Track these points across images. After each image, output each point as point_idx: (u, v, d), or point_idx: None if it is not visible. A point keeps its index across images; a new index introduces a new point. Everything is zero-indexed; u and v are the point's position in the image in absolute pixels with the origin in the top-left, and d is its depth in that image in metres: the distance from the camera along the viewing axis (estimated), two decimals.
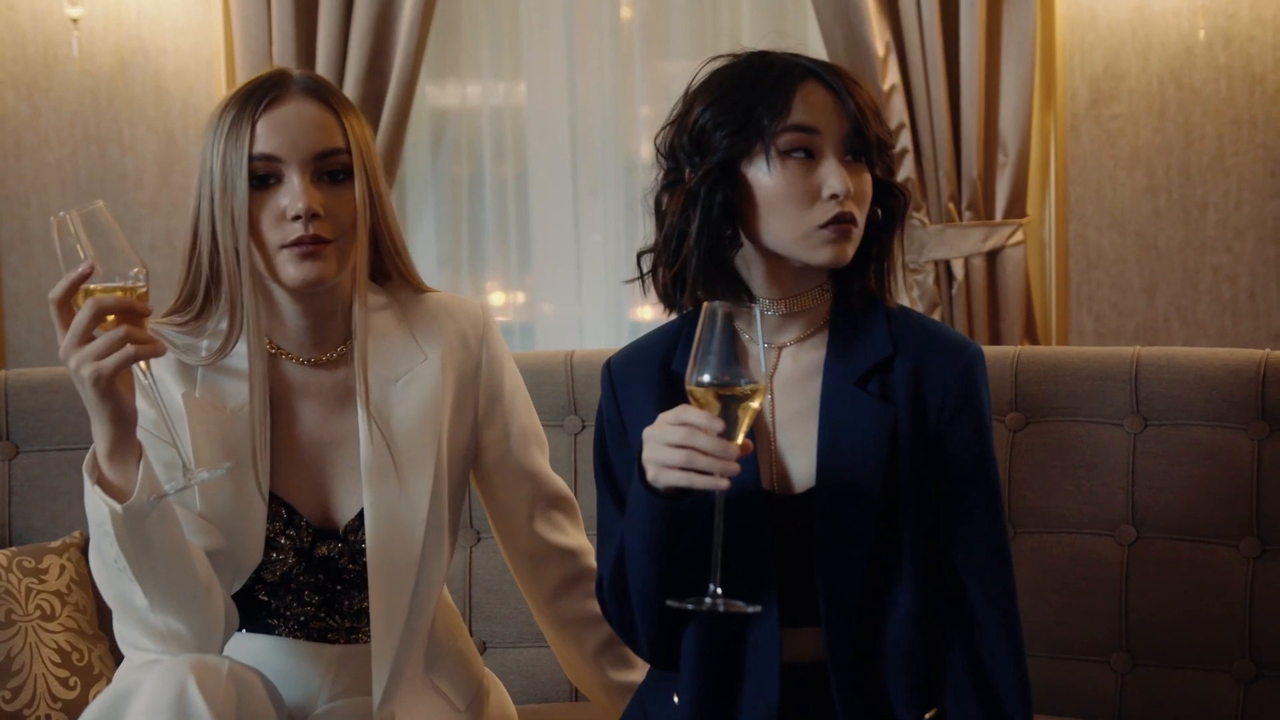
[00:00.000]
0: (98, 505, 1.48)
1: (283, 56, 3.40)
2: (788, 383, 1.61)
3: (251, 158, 1.60)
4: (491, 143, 3.67)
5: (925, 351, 1.58)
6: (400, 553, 1.66)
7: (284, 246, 1.61)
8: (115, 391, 1.44)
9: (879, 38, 3.39)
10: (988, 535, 1.56)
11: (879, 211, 1.60)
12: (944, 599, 1.56)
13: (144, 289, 1.45)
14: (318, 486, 1.69)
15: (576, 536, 1.84)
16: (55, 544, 2.08)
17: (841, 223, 1.52)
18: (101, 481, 1.49)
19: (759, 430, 1.59)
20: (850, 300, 1.60)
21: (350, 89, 3.44)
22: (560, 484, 1.85)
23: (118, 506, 1.47)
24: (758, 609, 1.46)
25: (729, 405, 1.41)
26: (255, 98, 1.63)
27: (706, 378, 1.41)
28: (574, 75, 3.64)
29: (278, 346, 1.70)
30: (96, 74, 3.55)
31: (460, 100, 3.69)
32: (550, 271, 3.71)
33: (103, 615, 2.06)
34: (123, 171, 3.58)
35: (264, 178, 1.61)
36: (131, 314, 1.43)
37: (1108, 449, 2.12)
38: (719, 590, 1.45)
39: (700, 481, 1.41)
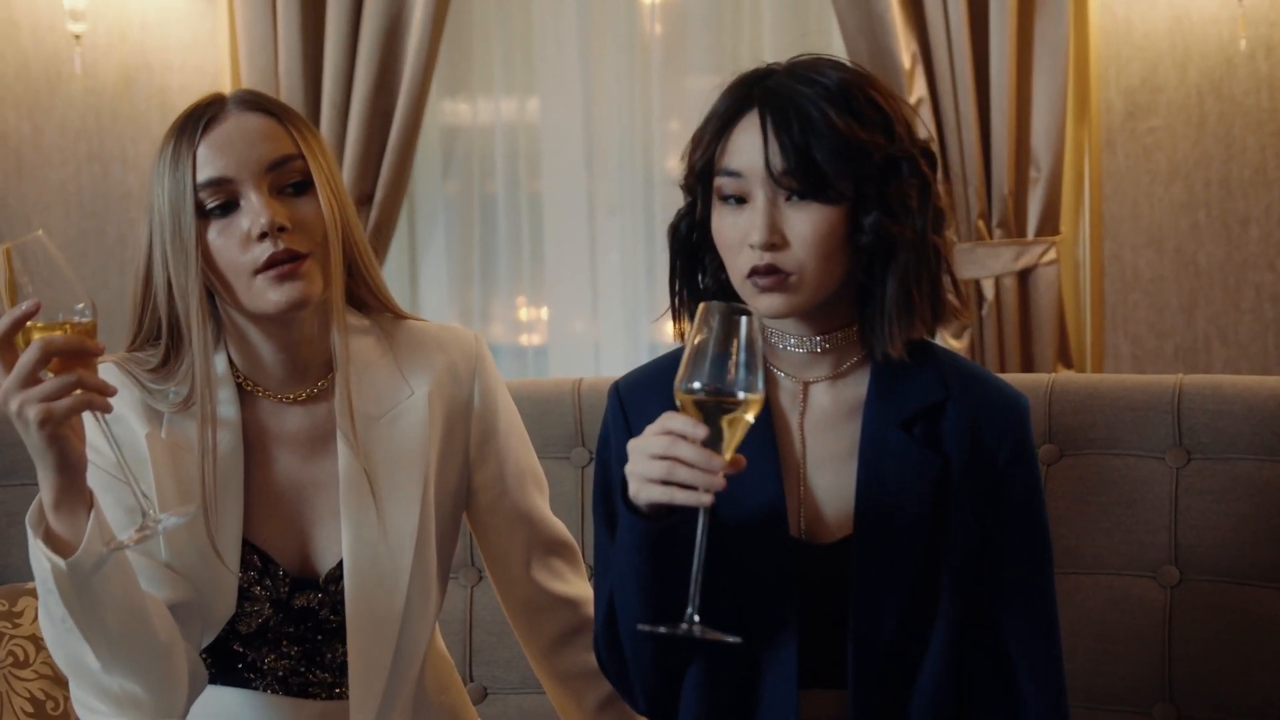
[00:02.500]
0: (40, 560, 1.38)
1: (289, 71, 3.33)
2: (820, 422, 1.49)
3: (198, 187, 1.49)
4: (504, 160, 3.58)
5: (981, 400, 1.47)
6: (382, 603, 1.55)
7: (258, 272, 1.50)
8: (62, 436, 1.34)
9: (905, 49, 3.28)
10: (1037, 602, 1.46)
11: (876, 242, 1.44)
12: (982, 666, 1.45)
13: (91, 322, 1.35)
14: (296, 533, 1.58)
15: (578, 585, 1.72)
16: (31, 584, 1.97)
17: (759, 274, 1.40)
18: (48, 535, 1.38)
19: (786, 472, 1.47)
20: (872, 340, 1.48)
21: (358, 104, 3.36)
22: (560, 528, 1.73)
23: (61, 562, 1.36)
24: (737, 640, 1.33)
25: (715, 415, 1.30)
26: (191, 124, 1.52)
27: (695, 384, 1.30)
28: (590, 90, 3.55)
29: (254, 384, 1.60)
30: (100, 91, 3.48)
31: (472, 117, 3.60)
32: (566, 292, 3.61)
33: None
34: (126, 191, 3.51)
35: (222, 206, 1.50)
36: (83, 355, 1.33)
37: (1149, 484, 2.00)
38: (696, 616, 1.32)
39: (681, 496, 1.30)
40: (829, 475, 1.47)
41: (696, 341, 1.31)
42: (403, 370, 1.61)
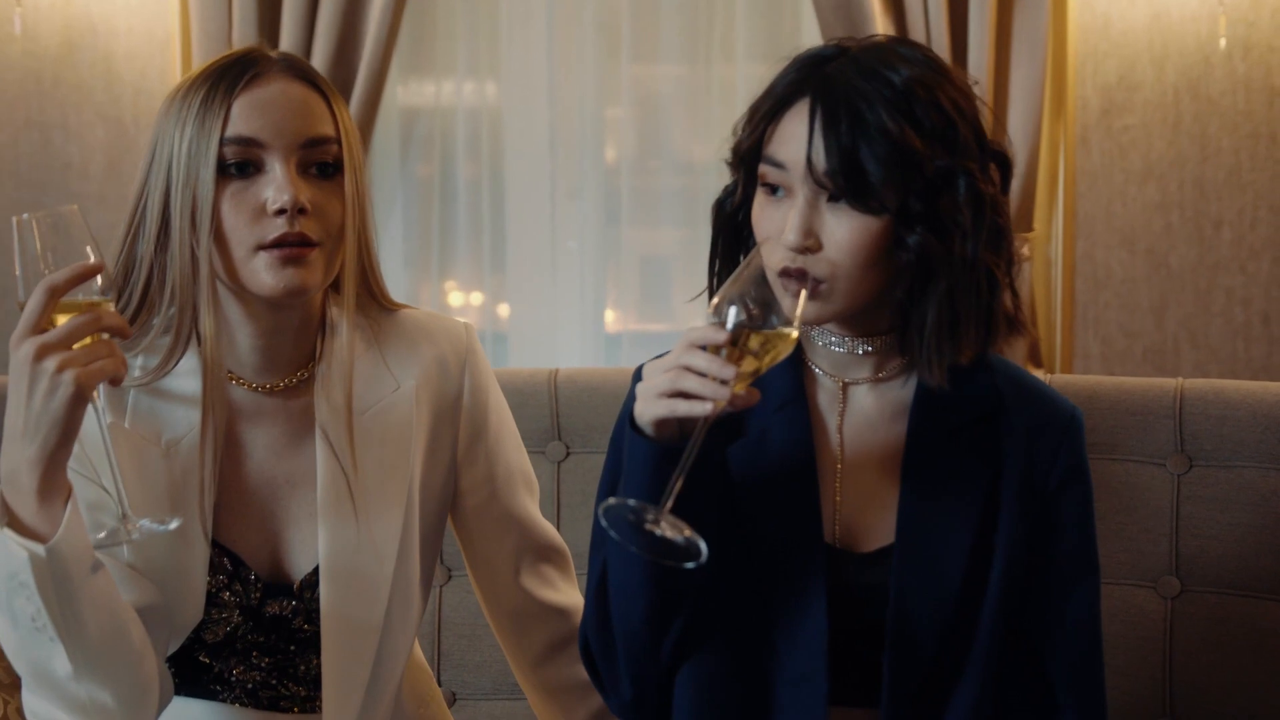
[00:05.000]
0: (10, 551, 1.25)
1: (244, 39, 3.18)
2: (861, 425, 1.40)
3: (224, 141, 1.37)
4: (466, 143, 3.46)
5: (1036, 412, 1.39)
6: (360, 613, 1.44)
7: (261, 248, 1.38)
8: (85, 404, 1.24)
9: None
10: (1084, 623, 1.39)
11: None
12: (1021, 685, 1.37)
13: (110, 301, 1.30)
14: (269, 534, 1.46)
15: (568, 593, 1.61)
16: None
17: (789, 276, 1.30)
18: (14, 524, 1.26)
19: (822, 476, 1.37)
20: (907, 344, 1.38)
21: None
22: (551, 532, 1.62)
23: (39, 549, 1.24)
24: (700, 554, 1.21)
25: (748, 338, 1.21)
26: (231, 75, 1.40)
27: (731, 309, 1.21)
28: (555, 75, 3.43)
29: (227, 369, 1.47)
30: (40, 55, 3.30)
31: (434, 98, 3.48)
32: (525, 279, 3.50)
33: None
34: (67, 161, 3.34)
35: (240, 165, 1.38)
36: (121, 334, 1.29)
37: (1149, 491, 1.94)
38: (668, 507, 1.21)
39: (683, 407, 1.20)
40: (868, 481, 1.39)
41: (744, 264, 1.24)
42: (388, 362, 1.50)
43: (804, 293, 1.27)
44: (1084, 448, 1.43)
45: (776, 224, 1.32)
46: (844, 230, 1.30)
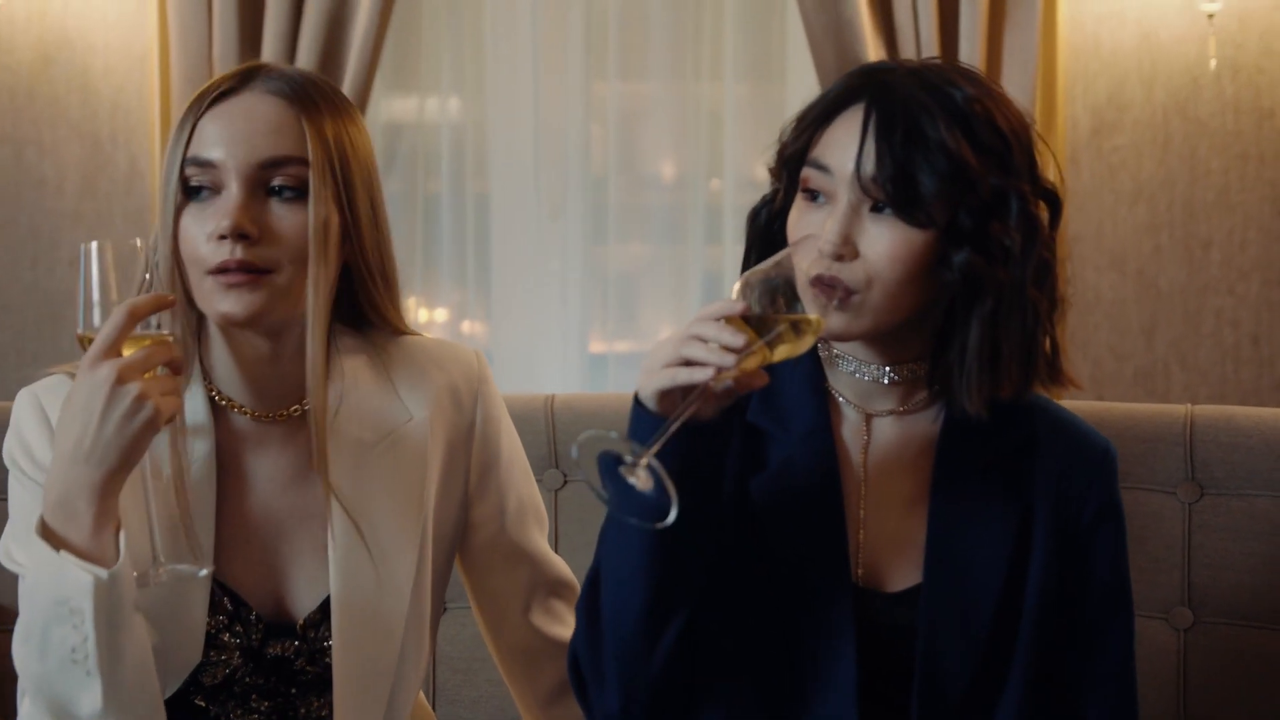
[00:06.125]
0: (71, 577, 1.22)
1: (224, 55, 3.12)
2: (886, 460, 1.35)
3: (185, 162, 1.34)
4: (450, 160, 3.40)
5: (1070, 447, 1.35)
6: (376, 656, 1.38)
7: (209, 272, 1.33)
8: (156, 432, 1.25)
9: (873, 56, 3.17)
10: (1118, 665, 1.35)
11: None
12: None
13: (170, 335, 1.30)
14: (271, 571, 1.40)
15: None
16: None
17: (821, 285, 1.25)
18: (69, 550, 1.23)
19: (847, 512, 1.32)
20: (948, 389, 1.33)
21: None
22: (562, 567, 1.57)
23: (104, 573, 1.22)
24: (672, 513, 1.14)
25: (764, 321, 1.16)
26: (211, 92, 1.37)
27: (753, 291, 1.17)
28: (540, 92, 3.39)
29: (226, 397, 1.42)
30: (15, 69, 3.23)
31: (418, 114, 3.42)
32: (509, 298, 3.45)
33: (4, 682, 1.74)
34: (41, 177, 3.26)
35: (200, 187, 1.34)
36: (178, 370, 1.29)
37: (1159, 520, 1.90)
38: (653, 452, 1.14)
39: (684, 375, 1.14)
40: (893, 518, 1.34)
41: (776, 258, 1.20)
42: (400, 392, 1.45)
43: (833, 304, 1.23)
44: (1117, 484, 1.39)
45: (813, 229, 1.28)
46: (885, 241, 1.25)
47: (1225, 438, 1.89)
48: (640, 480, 1.14)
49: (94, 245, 1.27)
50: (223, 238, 1.32)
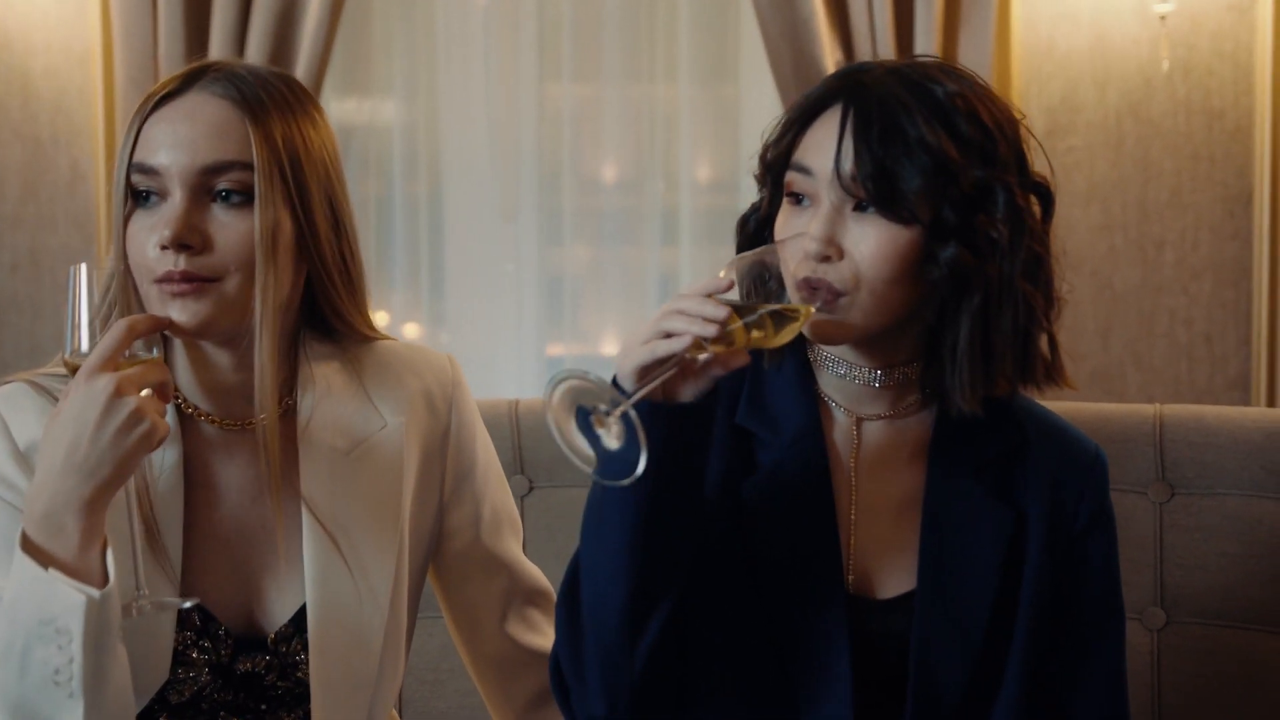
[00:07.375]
0: (61, 595, 1.18)
1: (169, 55, 3.06)
2: (876, 465, 1.33)
3: (130, 168, 1.30)
4: (402, 162, 3.36)
5: (1062, 452, 1.34)
6: (356, 668, 1.34)
7: (155, 281, 1.29)
8: (151, 450, 1.22)
9: (829, 57, 3.16)
10: (1110, 669, 1.34)
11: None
12: None
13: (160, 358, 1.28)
14: (241, 584, 1.35)
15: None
16: None
17: (809, 288, 1.23)
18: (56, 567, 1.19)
19: (839, 518, 1.30)
20: (940, 388, 1.31)
21: None
22: (537, 575, 1.53)
23: (95, 593, 1.18)
24: (639, 468, 1.10)
25: (747, 305, 1.14)
26: (156, 94, 1.32)
27: (740, 274, 1.16)
28: (493, 94, 3.35)
29: (192, 405, 1.38)
30: None
31: (370, 115, 3.38)
32: (464, 302, 3.41)
33: None
34: None
35: (146, 193, 1.30)
36: (166, 396, 1.26)
37: (1130, 521, 1.89)
38: (629, 397, 1.12)
39: (663, 347, 1.11)
40: (884, 524, 1.32)
41: (764, 248, 1.20)
42: (373, 398, 1.41)
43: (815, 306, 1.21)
44: (1108, 489, 1.39)
45: (796, 232, 1.26)
46: (871, 240, 1.23)
47: (1195, 437, 1.89)
48: (613, 428, 1.11)
49: (83, 267, 1.24)
50: (164, 247, 1.28)
